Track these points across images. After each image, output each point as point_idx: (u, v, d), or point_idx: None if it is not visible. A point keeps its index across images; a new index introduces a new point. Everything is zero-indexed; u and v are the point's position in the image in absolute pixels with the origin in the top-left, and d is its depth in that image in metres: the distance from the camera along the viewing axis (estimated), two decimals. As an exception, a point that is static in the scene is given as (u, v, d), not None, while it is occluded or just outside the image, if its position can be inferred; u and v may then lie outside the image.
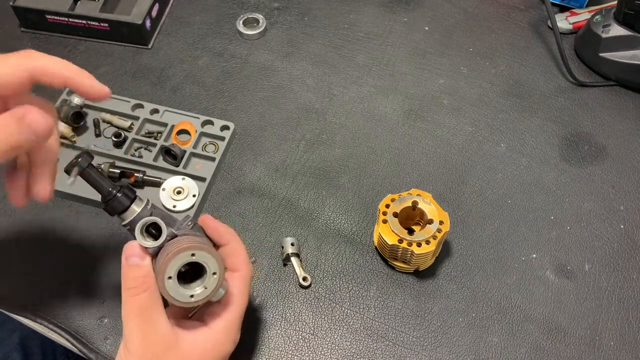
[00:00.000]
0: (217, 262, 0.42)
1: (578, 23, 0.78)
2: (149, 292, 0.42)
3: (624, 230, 0.61)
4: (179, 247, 0.41)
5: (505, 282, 0.58)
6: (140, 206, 0.43)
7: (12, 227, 0.61)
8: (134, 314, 0.42)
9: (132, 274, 0.42)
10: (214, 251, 0.43)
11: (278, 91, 0.73)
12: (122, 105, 0.69)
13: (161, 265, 0.41)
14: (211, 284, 0.42)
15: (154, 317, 0.42)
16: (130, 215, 0.43)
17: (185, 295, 0.42)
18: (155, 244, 0.42)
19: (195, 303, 0.42)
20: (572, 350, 0.54)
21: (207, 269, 0.42)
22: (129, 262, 0.42)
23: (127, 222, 0.43)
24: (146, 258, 0.42)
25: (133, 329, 0.42)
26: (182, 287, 0.42)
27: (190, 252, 0.41)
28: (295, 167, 0.66)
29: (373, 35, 0.79)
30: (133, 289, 0.42)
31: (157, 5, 0.78)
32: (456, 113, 0.71)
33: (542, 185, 0.65)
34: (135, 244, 0.43)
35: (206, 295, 0.42)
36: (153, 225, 0.43)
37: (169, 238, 0.42)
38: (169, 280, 0.41)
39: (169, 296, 0.41)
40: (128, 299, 0.42)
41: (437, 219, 0.54)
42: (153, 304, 0.42)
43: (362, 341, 0.55)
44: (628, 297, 0.57)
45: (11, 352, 0.73)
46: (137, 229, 0.42)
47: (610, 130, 0.69)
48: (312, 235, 0.61)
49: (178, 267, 0.41)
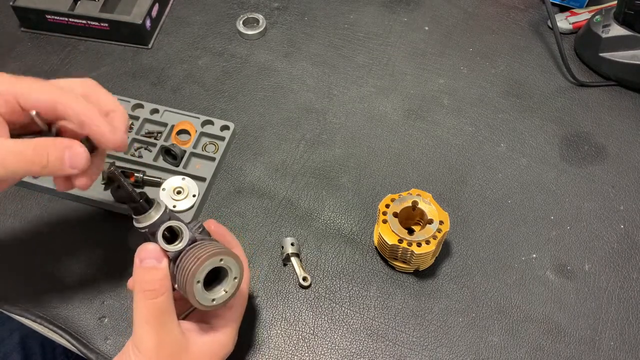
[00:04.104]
0: (240, 267, 0.44)
1: (578, 23, 0.78)
2: (166, 296, 0.42)
3: (624, 230, 0.61)
4: (209, 252, 0.41)
5: (505, 282, 0.58)
6: (159, 211, 0.43)
7: (12, 227, 0.61)
8: (150, 316, 0.42)
9: (149, 276, 0.42)
10: (237, 257, 0.44)
11: (278, 91, 0.73)
12: (122, 105, 0.69)
13: (191, 270, 0.41)
14: (232, 288, 0.44)
15: (168, 320, 0.43)
16: (149, 219, 0.43)
17: (208, 299, 0.43)
18: (177, 247, 0.42)
19: (215, 307, 0.43)
20: (572, 350, 0.54)
21: (230, 273, 0.43)
22: (145, 265, 0.42)
23: (146, 226, 0.43)
24: (164, 261, 0.42)
25: (147, 331, 0.42)
26: (206, 292, 0.42)
27: (219, 257, 0.42)
28: (295, 167, 0.66)
29: (373, 35, 0.79)
30: (150, 291, 0.42)
31: (157, 5, 0.78)
32: (456, 113, 0.71)
33: (542, 185, 0.65)
34: (150, 246, 0.42)
35: (226, 298, 0.44)
36: (168, 229, 0.43)
37: (190, 242, 0.43)
38: (198, 285, 0.41)
39: (195, 300, 0.42)
40: (143, 302, 0.42)
41: (437, 219, 0.54)
42: (168, 308, 0.42)
43: (362, 341, 0.55)
44: (628, 297, 0.57)
45: (11, 352, 0.73)
46: (159, 233, 0.42)
47: (610, 130, 0.69)
48: (312, 235, 0.61)
49: (207, 272, 0.42)
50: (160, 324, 0.42)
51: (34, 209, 0.63)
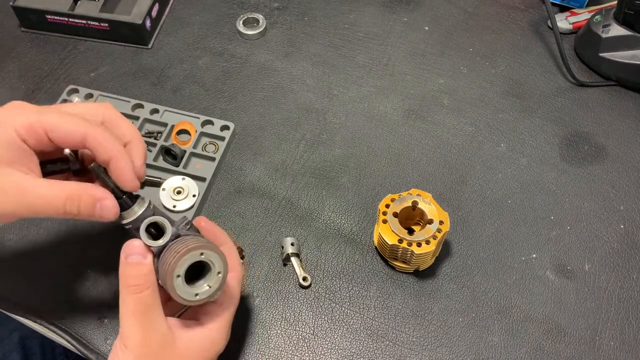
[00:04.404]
0: (223, 262, 0.43)
1: (578, 23, 0.78)
2: (151, 290, 0.42)
3: (624, 230, 0.61)
4: (188, 246, 0.41)
5: (505, 282, 0.58)
6: (142, 206, 0.43)
7: (12, 227, 0.61)
8: (135, 311, 0.42)
9: (134, 271, 0.42)
10: (220, 251, 0.43)
11: (278, 91, 0.73)
12: (122, 105, 0.69)
13: (170, 264, 0.41)
14: (215, 283, 0.43)
15: (154, 315, 0.43)
16: (132, 214, 0.43)
17: (191, 294, 0.42)
18: (161, 242, 0.42)
19: (199, 301, 0.43)
20: (572, 350, 0.54)
21: (212, 268, 0.43)
22: (130, 260, 0.42)
23: (130, 221, 0.43)
24: (148, 256, 0.43)
25: (132, 327, 0.42)
26: (188, 286, 0.42)
27: (199, 251, 0.42)
28: (295, 167, 0.66)
29: (373, 35, 0.79)
30: (135, 286, 0.42)
31: (157, 5, 0.78)
32: (456, 113, 0.71)
33: (542, 185, 0.65)
34: (136, 242, 0.43)
35: (210, 293, 0.43)
36: (153, 225, 0.43)
37: (173, 237, 0.43)
38: (178, 279, 0.41)
39: (176, 294, 0.42)
40: (128, 297, 0.42)
41: (437, 219, 0.54)
42: (154, 302, 0.43)
43: (362, 341, 0.55)
44: (628, 297, 0.57)
45: (11, 352, 0.73)
46: (142, 228, 0.42)
47: (610, 130, 0.69)
48: (312, 235, 0.61)
49: (187, 266, 0.41)
50: (146, 318, 0.42)
51: (34, 209, 0.63)
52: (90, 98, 0.70)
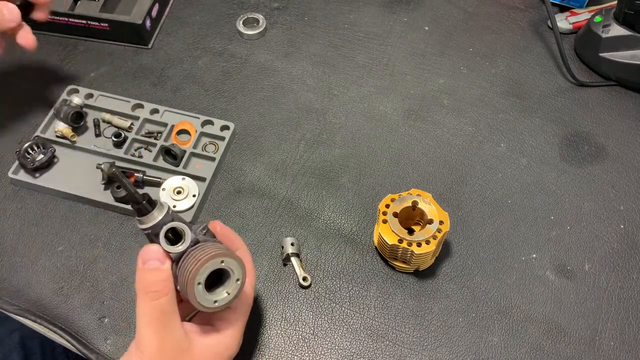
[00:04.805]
0: (242, 269, 0.43)
1: (578, 23, 0.78)
2: (169, 297, 0.42)
3: (624, 230, 0.61)
4: (209, 253, 0.41)
5: (505, 282, 0.58)
6: (162, 211, 0.43)
7: (12, 227, 0.61)
8: (152, 317, 0.42)
9: (152, 277, 0.42)
10: (239, 259, 0.43)
11: (278, 91, 0.73)
12: (122, 105, 0.69)
13: (191, 271, 0.41)
14: (234, 290, 0.43)
15: (171, 322, 0.43)
16: (152, 220, 0.42)
17: (210, 301, 0.42)
18: (180, 248, 0.42)
19: (218, 308, 0.43)
20: (572, 350, 0.54)
21: (232, 275, 0.43)
22: (147, 266, 0.42)
23: (149, 227, 0.43)
24: (166, 262, 0.42)
25: (149, 332, 0.42)
26: (208, 293, 0.42)
27: (220, 259, 0.42)
28: (295, 167, 0.66)
29: (373, 35, 0.79)
30: (153, 292, 0.41)
31: (157, 5, 0.78)
32: (456, 113, 0.71)
33: (542, 185, 0.65)
34: (153, 247, 0.42)
35: (228, 300, 0.43)
36: (172, 231, 0.43)
37: (192, 243, 0.43)
38: (199, 286, 0.41)
39: (196, 301, 0.42)
40: (146, 303, 0.42)
41: (437, 219, 0.54)
42: (171, 308, 0.42)
43: (362, 341, 0.55)
44: (628, 297, 0.57)
45: (11, 352, 0.73)
46: (161, 234, 0.42)
47: (610, 130, 0.69)
48: (312, 235, 0.61)
49: (208, 273, 0.41)
50: (163, 325, 0.42)
51: (34, 209, 0.63)
52: (90, 98, 0.70)
